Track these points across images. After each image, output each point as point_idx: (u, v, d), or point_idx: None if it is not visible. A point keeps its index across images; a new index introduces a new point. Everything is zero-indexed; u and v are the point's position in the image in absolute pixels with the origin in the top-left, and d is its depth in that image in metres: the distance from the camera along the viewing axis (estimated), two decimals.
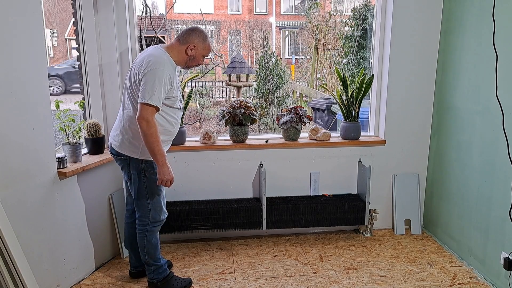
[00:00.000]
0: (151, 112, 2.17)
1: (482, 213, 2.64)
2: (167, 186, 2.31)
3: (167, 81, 2.22)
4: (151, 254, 2.48)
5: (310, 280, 2.65)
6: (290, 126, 3.13)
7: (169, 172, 2.28)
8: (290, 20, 17.68)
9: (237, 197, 3.19)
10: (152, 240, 2.47)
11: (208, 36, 2.39)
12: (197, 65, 2.42)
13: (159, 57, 2.25)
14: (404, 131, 3.23)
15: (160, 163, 2.24)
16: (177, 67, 2.40)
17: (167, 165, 2.27)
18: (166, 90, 2.23)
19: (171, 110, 2.37)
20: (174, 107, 2.38)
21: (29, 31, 2.16)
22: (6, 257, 1.96)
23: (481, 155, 2.64)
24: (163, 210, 2.49)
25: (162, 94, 2.20)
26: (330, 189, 3.29)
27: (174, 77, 2.32)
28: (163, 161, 2.24)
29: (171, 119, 2.39)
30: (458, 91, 2.88)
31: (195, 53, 2.35)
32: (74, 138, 2.61)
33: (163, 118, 2.33)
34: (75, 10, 2.75)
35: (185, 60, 2.36)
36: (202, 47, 2.35)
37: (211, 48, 2.38)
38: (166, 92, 2.24)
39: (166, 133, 2.39)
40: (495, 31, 2.43)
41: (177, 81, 2.37)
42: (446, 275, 2.70)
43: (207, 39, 2.37)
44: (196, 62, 2.39)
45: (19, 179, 2.18)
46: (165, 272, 2.54)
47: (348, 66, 9.00)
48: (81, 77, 2.85)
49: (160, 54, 2.28)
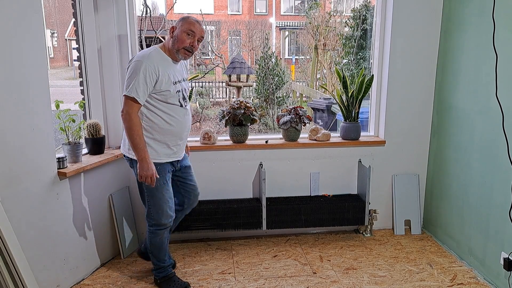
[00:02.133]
0: (130, 105, 2.17)
1: (482, 213, 2.64)
2: (148, 182, 2.26)
3: (149, 73, 2.18)
4: (154, 254, 2.51)
5: (310, 281, 2.65)
6: (290, 126, 3.13)
7: (148, 168, 2.23)
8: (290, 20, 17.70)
9: (237, 197, 3.19)
10: (155, 242, 2.47)
11: (189, 16, 2.32)
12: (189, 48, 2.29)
13: (144, 51, 2.27)
14: (404, 131, 3.23)
15: (139, 158, 2.22)
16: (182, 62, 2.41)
17: (147, 161, 2.23)
18: (150, 82, 2.19)
19: (166, 107, 2.30)
20: (169, 103, 2.30)
21: (29, 31, 2.16)
22: (6, 257, 1.96)
23: (481, 155, 2.64)
24: (167, 214, 2.43)
25: (141, 86, 2.16)
26: (330, 189, 3.29)
27: (164, 70, 2.25)
28: (143, 156, 2.22)
29: (168, 117, 2.31)
30: (458, 91, 2.88)
31: (177, 32, 2.28)
32: (74, 138, 2.61)
33: (156, 115, 2.29)
34: (75, 11, 2.75)
35: (171, 44, 2.29)
36: (181, 24, 2.28)
37: (192, 24, 2.27)
38: (151, 84, 2.20)
39: (163, 132, 2.32)
40: (495, 31, 2.43)
41: (171, 75, 2.29)
42: (446, 275, 2.70)
43: (187, 18, 2.30)
44: (182, 42, 2.26)
45: (19, 179, 2.18)
46: (166, 272, 2.55)
47: (348, 67, 9.01)
48: (81, 77, 2.85)
49: (148, 49, 2.30)
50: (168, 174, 2.42)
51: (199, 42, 2.34)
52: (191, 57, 2.40)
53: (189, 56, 2.35)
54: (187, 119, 2.44)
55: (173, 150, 2.39)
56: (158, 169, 2.32)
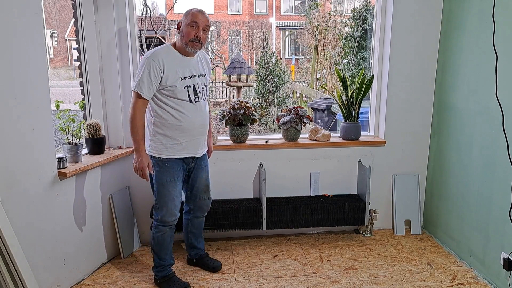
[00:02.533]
0: (135, 99, 2.27)
1: (482, 213, 2.64)
2: (139, 175, 2.33)
3: (153, 68, 2.23)
4: (155, 250, 2.52)
5: (310, 281, 2.65)
6: (290, 126, 3.13)
7: (139, 160, 2.30)
8: (290, 20, 17.70)
9: (237, 197, 3.19)
10: (156, 237, 2.48)
11: (192, 9, 2.34)
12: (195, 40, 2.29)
13: (153, 49, 2.34)
14: (404, 131, 3.23)
15: (134, 149, 2.32)
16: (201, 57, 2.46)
17: (140, 154, 2.30)
18: (155, 77, 2.24)
19: (175, 102, 2.32)
20: (178, 98, 2.32)
21: (29, 32, 2.16)
22: (6, 257, 1.96)
23: (481, 155, 2.64)
24: (171, 212, 2.43)
25: (145, 81, 2.23)
26: (330, 189, 3.29)
27: (171, 66, 2.28)
28: (137, 147, 2.30)
29: (176, 113, 2.33)
30: (458, 92, 2.88)
31: (182, 27, 2.32)
32: (74, 139, 2.61)
33: (165, 111, 2.32)
34: (75, 11, 2.75)
35: (180, 40, 2.33)
36: (185, 18, 2.32)
37: (195, 15, 2.29)
38: (155, 80, 2.25)
39: (173, 127, 2.34)
40: (495, 31, 2.43)
41: (180, 71, 2.31)
42: (446, 276, 2.70)
43: (190, 10, 2.33)
44: (187, 35, 2.28)
45: (20, 179, 2.18)
46: (165, 272, 2.55)
47: (348, 67, 9.01)
48: (81, 77, 2.85)
49: (158, 47, 2.37)
50: (177, 171, 2.41)
51: (205, 32, 2.34)
52: (201, 47, 2.38)
53: (198, 47, 2.34)
54: (198, 115, 2.40)
55: (183, 146, 2.38)
56: (166, 165, 2.36)
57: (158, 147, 2.36)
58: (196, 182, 2.57)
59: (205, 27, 2.33)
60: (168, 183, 2.39)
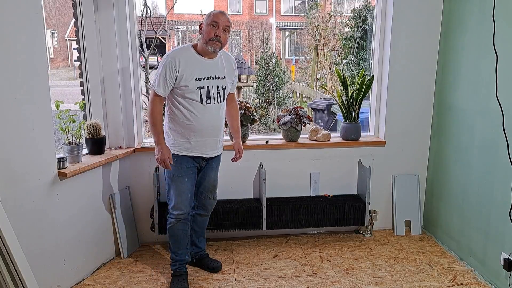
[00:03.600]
0: (152, 95, 2.39)
1: (482, 214, 2.64)
2: (162, 166, 2.41)
3: (168, 67, 2.31)
4: (170, 241, 2.58)
5: (310, 281, 2.65)
6: (290, 126, 3.13)
7: (160, 152, 2.38)
8: (290, 20, 17.68)
9: (237, 198, 3.19)
10: (168, 229, 2.55)
11: (214, 10, 2.39)
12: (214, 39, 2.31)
13: (174, 48, 2.43)
14: (404, 131, 3.23)
15: (155, 142, 2.42)
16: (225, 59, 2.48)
17: (161, 146, 2.39)
18: (170, 76, 2.32)
19: (187, 102, 2.37)
20: (189, 98, 2.36)
21: (29, 32, 2.17)
22: (6, 257, 1.96)
23: (481, 155, 2.64)
24: (178, 206, 2.48)
25: (161, 79, 2.33)
26: (330, 190, 3.29)
27: (187, 66, 2.33)
28: (156, 140, 2.40)
29: (187, 112, 2.38)
30: (458, 92, 2.88)
31: (204, 27, 2.37)
32: (74, 139, 2.61)
33: (177, 109, 2.40)
34: (75, 11, 2.75)
35: (201, 40, 2.37)
36: (206, 18, 2.37)
37: (215, 16, 2.34)
38: (171, 78, 2.32)
39: (183, 126, 2.41)
40: (495, 31, 2.43)
41: (196, 71, 2.34)
42: (446, 276, 2.70)
43: (211, 11, 2.38)
44: (207, 34, 2.32)
45: (20, 179, 2.18)
46: (175, 266, 2.59)
47: (348, 67, 9.01)
48: (82, 78, 2.85)
49: (179, 46, 2.46)
50: (186, 168, 2.46)
51: (226, 32, 2.36)
52: (221, 47, 2.38)
53: (218, 46, 2.35)
54: (208, 117, 2.42)
55: (191, 145, 2.43)
56: (175, 160, 2.43)
57: (170, 141, 2.45)
58: (204, 180, 2.62)
59: (226, 27, 2.35)
60: (176, 178, 2.46)
